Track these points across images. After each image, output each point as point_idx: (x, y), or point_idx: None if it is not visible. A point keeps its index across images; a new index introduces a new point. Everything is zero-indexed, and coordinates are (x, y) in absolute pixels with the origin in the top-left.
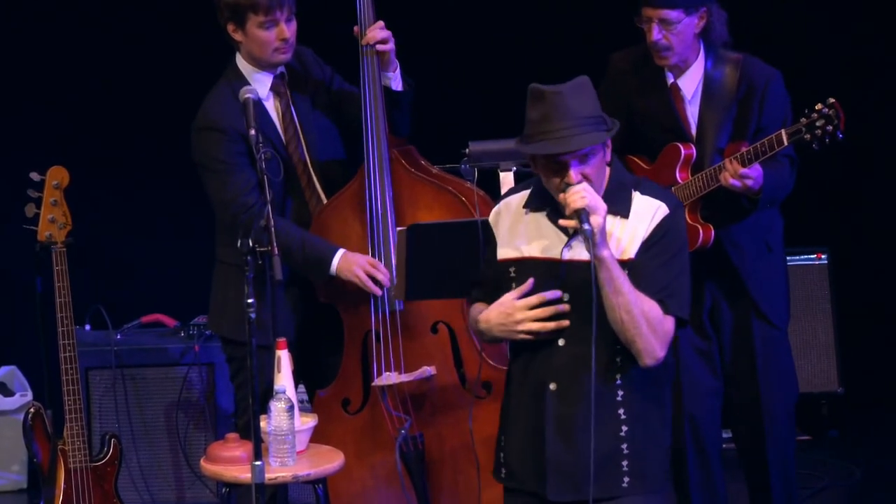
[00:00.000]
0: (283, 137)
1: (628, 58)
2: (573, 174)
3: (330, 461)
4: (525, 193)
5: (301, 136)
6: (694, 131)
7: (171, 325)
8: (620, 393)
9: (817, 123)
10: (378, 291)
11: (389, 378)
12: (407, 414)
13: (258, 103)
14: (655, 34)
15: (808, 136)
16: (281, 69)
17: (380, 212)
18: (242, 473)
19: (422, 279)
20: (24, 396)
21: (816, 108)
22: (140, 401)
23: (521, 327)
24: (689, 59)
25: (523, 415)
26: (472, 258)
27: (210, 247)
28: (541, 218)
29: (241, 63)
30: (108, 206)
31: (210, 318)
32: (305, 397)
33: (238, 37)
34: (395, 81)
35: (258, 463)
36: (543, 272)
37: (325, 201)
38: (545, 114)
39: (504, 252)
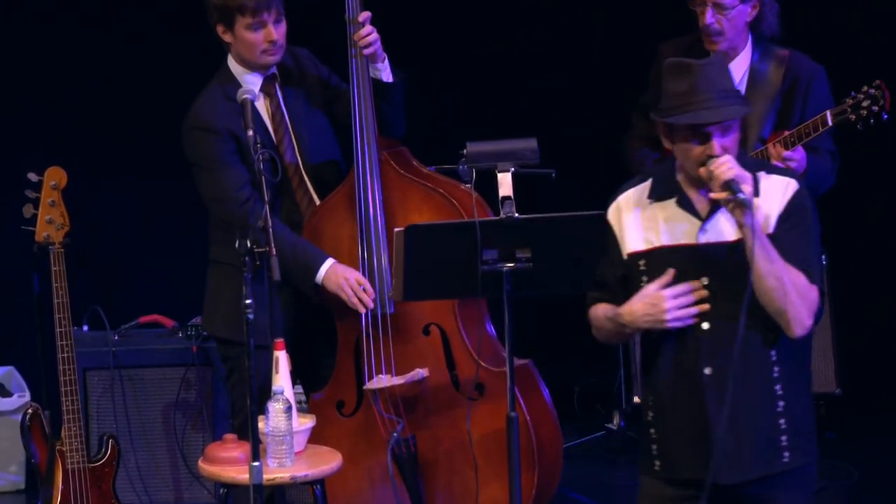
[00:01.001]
0: (273, 138)
1: (676, 46)
2: (716, 145)
3: (328, 462)
4: (644, 186)
5: (292, 137)
6: None
7: (168, 325)
8: (776, 369)
9: (863, 104)
10: (361, 308)
11: (381, 381)
12: (399, 416)
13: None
14: (709, 18)
15: (853, 117)
16: (272, 70)
17: (370, 214)
18: (240, 474)
19: (419, 280)
20: (21, 397)
21: (863, 89)
22: (138, 401)
23: (668, 315)
24: (737, 46)
25: (681, 404)
26: (470, 259)
27: (207, 246)
28: (669, 206)
29: (232, 64)
30: (105, 206)
31: (204, 318)
32: (304, 398)
33: (227, 38)
34: (385, 73)
35: (256, 464)
36: (679, 258)
37: (317, 203)
38: (692, 85)
39: (631, 246)
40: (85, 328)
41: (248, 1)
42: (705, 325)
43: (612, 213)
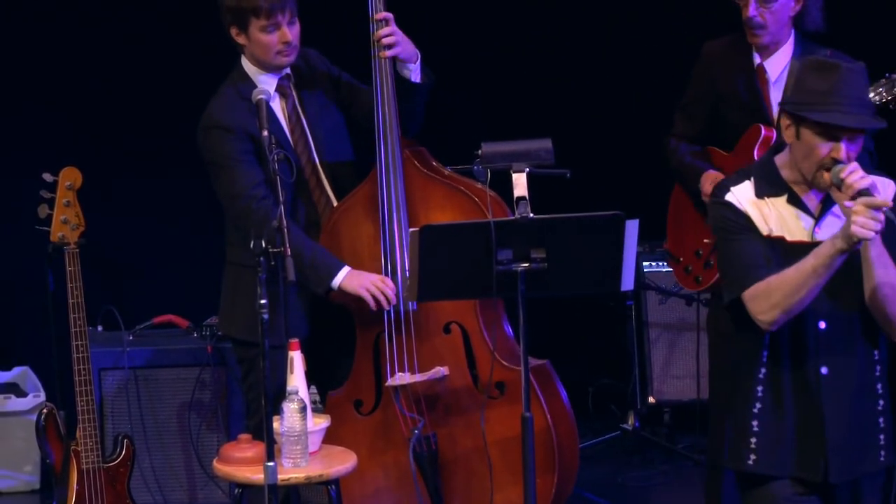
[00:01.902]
0: (290, 139)
1: (720, 45)
2: (845, 150)
3: (343, 462)
4: (747, 184)
5: (309, 136)
6: (776, 115)
7: (183, 325)
8: (878, 368)
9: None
10: (386, 305)
11: (403, 378)
12: (420, 414)
13: (267, 104)
14: (752, 10)
15: (888, 97)
16: (286, 70)
17: (393, 212)
18: (255, 474)
19: (433, 280)
20: (36, 397)
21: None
22: (152, 402)
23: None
24: (780, 40)
25: (792, 401)
26: (485, 259)
27: (223, 247)
28: (779, 203)
29: (247, 65)
30: (120, 207)
31: (220, 319)
32: (318, 398)
33: (241, 40)
34: (415, 73)
35: (271, 464)
36: (795, 254)
37: (334, 202)
38: (835, 86)
39: (763, 228)
40: (100, 328)
41: (262, 3)
42: (822, 325)
43: (737, 202)
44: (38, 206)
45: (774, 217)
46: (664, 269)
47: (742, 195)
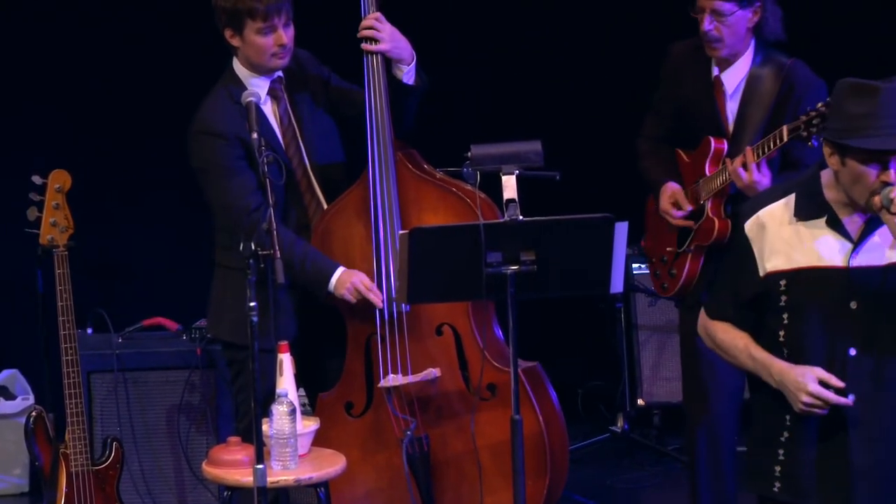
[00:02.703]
0: (281, 141)
1: (684, 48)
2: (894, 173)
3: (332, 464)
4: (787, 202)
5: (300, 139)
6: (731, 127)
7: (172, 328)
8: None
9: (814, 122)
10: (379, 304)
11: (395, 380)
12: (412, 415)
13: (257, 107)
14: (707, 24)
15: (805, 133)
16: (278, 73)
17: (386, 214)
18: (244, 477)
19: (423, 283)
20: (25, 400)
21: (819, 106)
22: (142, 404)
23: (804, 400)
24: (738, 52)
25: (819, 429)
26: (474, 262)
27: (212, 249)
28: (817, 225)
29: (238, 67)
30: (109, 209)
31: (209, 322)
32: (307, 401)
33: (236, 42)
34: (408, 75)
35: (260, 466)
36: (826, 280)
37: (324, 205)
38: (876, 109)
39: (773, 264)
40: (89, 331)
41: (258, 5)
42: (852, 352)
43: (751, 229)
44: (28, 208)
45: (807, 242)
46: None
47: (772, 218)
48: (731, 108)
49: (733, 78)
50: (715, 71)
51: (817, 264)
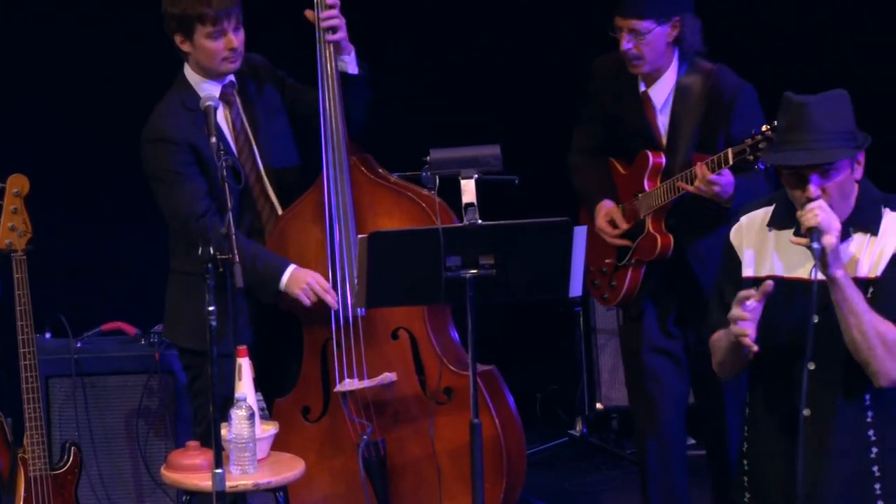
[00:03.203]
0: (234, 147)
1: (608, 63)
2: (812, 189)
3: (291, 469)
4: (767, 210)
5: (253, 144)
6: (665, 140)
7: (131, 332)
8: (870, 414)
9: (760, 146)
10: (334, 305)
11: (351, 384)
12: (369, 420)
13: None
14: (625, 44)
15: (751, 157)
16: (230, 78)
17: (341, 219)
18: (203, 481)
19: (382, 287)
20: None
21: (763, 129)
22: (100, 409)
23: (734, 328)
24: (661, 67)
25: (776, 441)
26: (433, 266)
27: (168, 255)
28: (787, 235)
29: (190, 73)
30: (68, 213)
31: (165, 327)
32: (265, 405)
33: (186, 47)
34: (351, 65)
35: (219, 471)
36: (790, 292)
37: (279, 210)
38: (790, 123)
39: (746, 270)
40: (47, 335)
41: (208, 10)
42: (811, 366)
43: (734, 234)
44: None
45: (778, 251)
46: None
47: (750, 223)
48: (662, 121)
49: (661, 92)
50: (642, 86)
51: (783, 275)
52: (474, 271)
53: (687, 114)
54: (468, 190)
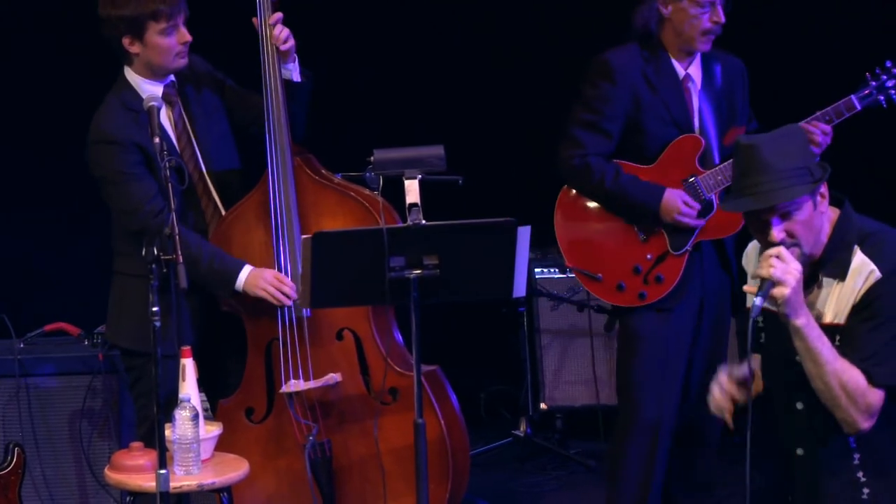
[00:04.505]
0: (177, 146)
1: (628, 55)
2: (776, 233)
3: (235, 469)
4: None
5: (196, 144)
6: (697, 122)
7: (74, 333)
8: (857, 456)
9: (888, 84)
10: (287, 302)
11: (296, 385)
12: (314, 421)
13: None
14: (722, 15)
15: (881, 97)
16: (171, 78)
17: (285, 219)
18: (147, 482)
19: (327, 287)
20: None
21: (877, 71)
22: (44, 410)
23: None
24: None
25: (773, 482)
26: (378, 266)
27: (111, 257)
28: None
29: (131, 75)
30: (9, 214)
31: (108, 328)
32: (208, 405)
33: (135, 49)
34: (295, 73)
35: (163, 472)
36: (776, 323)
37: (222, 210)
38: (741, 168)
39: (749, 299)
40: None
41: (162, 6)
42: (799, 405)
43: (743, 261)
44: None
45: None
46: (556, 276)
47: (754, 250)
48: (696, 104)
49: (697, 73)
50: (680, 71)
51: (772, 309)
52: (418, 271)
53: (713, 94)
54: (412, 190)
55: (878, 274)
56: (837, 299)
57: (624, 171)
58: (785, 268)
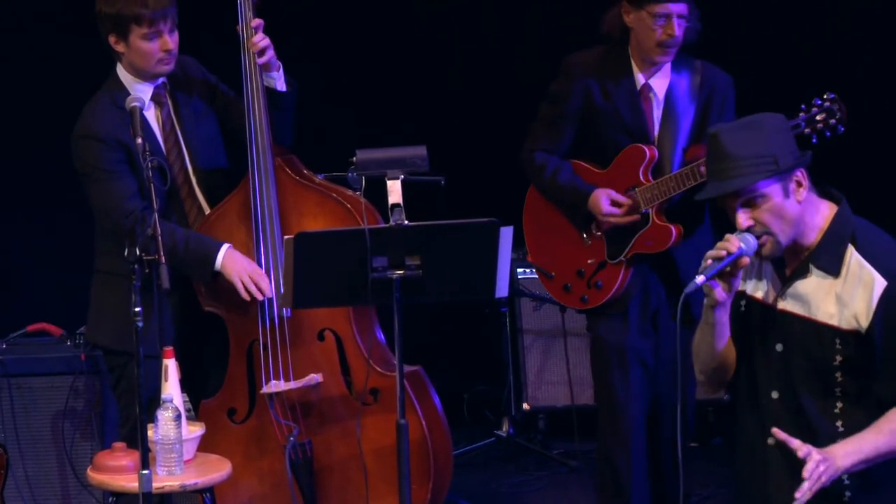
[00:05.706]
0: (163, 147)
1: (587, 58)
2: (741, 220)
3: (218, 470)
4: None
5: (183, 145)
6: (657, 134)
7: (56, 333)
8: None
9: (817, 117)
10: (259, 296)
11: (277, 386)
12: (295, 421)
13: (140, 112)
14: (678, 29)
15: (808, 131)
16: (162, 79)
17: (266, 220)
18: (129, 483)
19: (309, 287)
20: None
21: (815, 102)
22: (26, 410)
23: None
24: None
25: (747, 472)
26: (360, 266)
27: (93, 255)
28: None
29: (122, 73)
30: None
31: (89, 328)
32: (191, 406)
33: (120, 48)
34: (279, 82)
35: (145, 472)
36: (762, 316)
37: (206, 211)
38: (709, 154)
39: (743, 285)
40: None
41: (144, 11)
42: (774, 395)
43: None
44: None
45: (761, 270)
46: (538, 276)
47: None
48: (658, 114)
49: (661, 84)
50: (641, 79)
51: (760, 298)
52: (400, 272)
53: (679, 106)
54: (394, 191)
55: (882, 281)
56: (837, 300)
57: (571, 171)
58: (726, 246)
